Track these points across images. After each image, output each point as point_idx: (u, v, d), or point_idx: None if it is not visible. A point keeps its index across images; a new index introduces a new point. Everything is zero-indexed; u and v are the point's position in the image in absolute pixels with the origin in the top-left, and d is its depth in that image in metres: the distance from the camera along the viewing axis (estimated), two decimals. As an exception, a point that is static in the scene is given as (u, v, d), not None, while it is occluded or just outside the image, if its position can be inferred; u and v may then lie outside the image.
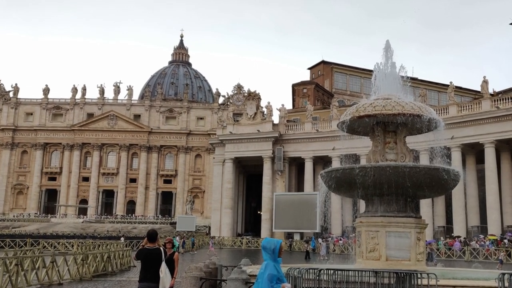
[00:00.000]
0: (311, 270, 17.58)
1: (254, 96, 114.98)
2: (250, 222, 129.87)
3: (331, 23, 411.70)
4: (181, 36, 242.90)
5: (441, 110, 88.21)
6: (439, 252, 72.46)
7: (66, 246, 73.30)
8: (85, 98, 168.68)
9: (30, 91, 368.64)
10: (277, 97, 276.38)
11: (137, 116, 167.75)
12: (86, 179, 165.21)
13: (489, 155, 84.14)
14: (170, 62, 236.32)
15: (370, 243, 24.97)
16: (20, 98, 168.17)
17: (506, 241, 73.43)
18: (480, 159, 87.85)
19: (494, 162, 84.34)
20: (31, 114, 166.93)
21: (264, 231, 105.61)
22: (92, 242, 66.93)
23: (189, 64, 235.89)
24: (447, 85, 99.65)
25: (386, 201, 25.47)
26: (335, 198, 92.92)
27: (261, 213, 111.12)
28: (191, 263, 36.56)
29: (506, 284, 16.24)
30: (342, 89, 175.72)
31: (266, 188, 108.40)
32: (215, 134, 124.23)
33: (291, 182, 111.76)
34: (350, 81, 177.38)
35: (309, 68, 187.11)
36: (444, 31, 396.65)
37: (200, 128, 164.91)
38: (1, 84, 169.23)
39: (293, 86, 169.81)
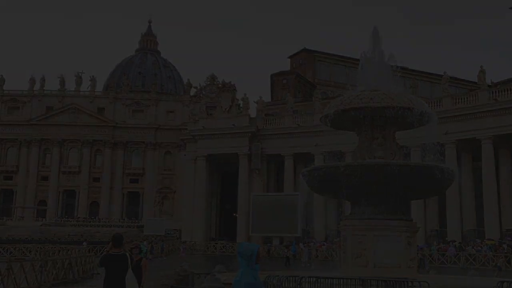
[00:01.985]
0: (291, 278, 17.64)
1: (229, 88, 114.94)
2: (225, 225, 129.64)
3: (313, 7, 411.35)
4: (149, 22, 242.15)
5: (434, 103, 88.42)
6: (432, 258, 72.79)
7: (23, 252, 72.90)
8: (44, 90, 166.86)
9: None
10: (255, 89, 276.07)
11: (101, 109, 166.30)
12: (45, 178, 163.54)
13: (487, 151, 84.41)
14: (137, 50, 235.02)
15: (356, 248, 25.02)
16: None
17: (505, 246, 73.49)
18: (477, 156, 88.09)
19: (492, 159, 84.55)
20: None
21: (240, 235, 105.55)
22: (51, 247, 66.71)
23: (158, 53, 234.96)
24: (441, 76, 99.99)
25: (374, 203, 25.52)
26: (318, 199, 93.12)
27: (237, 215, 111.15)
28: (161, 270, 36.56)
29: (505, 293, 16.31)
30: (325, 80, 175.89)
31: (243, 188, 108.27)
32: (186, 129, 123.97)
33: (270, 181, 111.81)
34: (334, 71, 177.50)
35: (289, 57, 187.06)
36: (437, 17, 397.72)
37: (170, 122, 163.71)
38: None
39: (272, 76, 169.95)
